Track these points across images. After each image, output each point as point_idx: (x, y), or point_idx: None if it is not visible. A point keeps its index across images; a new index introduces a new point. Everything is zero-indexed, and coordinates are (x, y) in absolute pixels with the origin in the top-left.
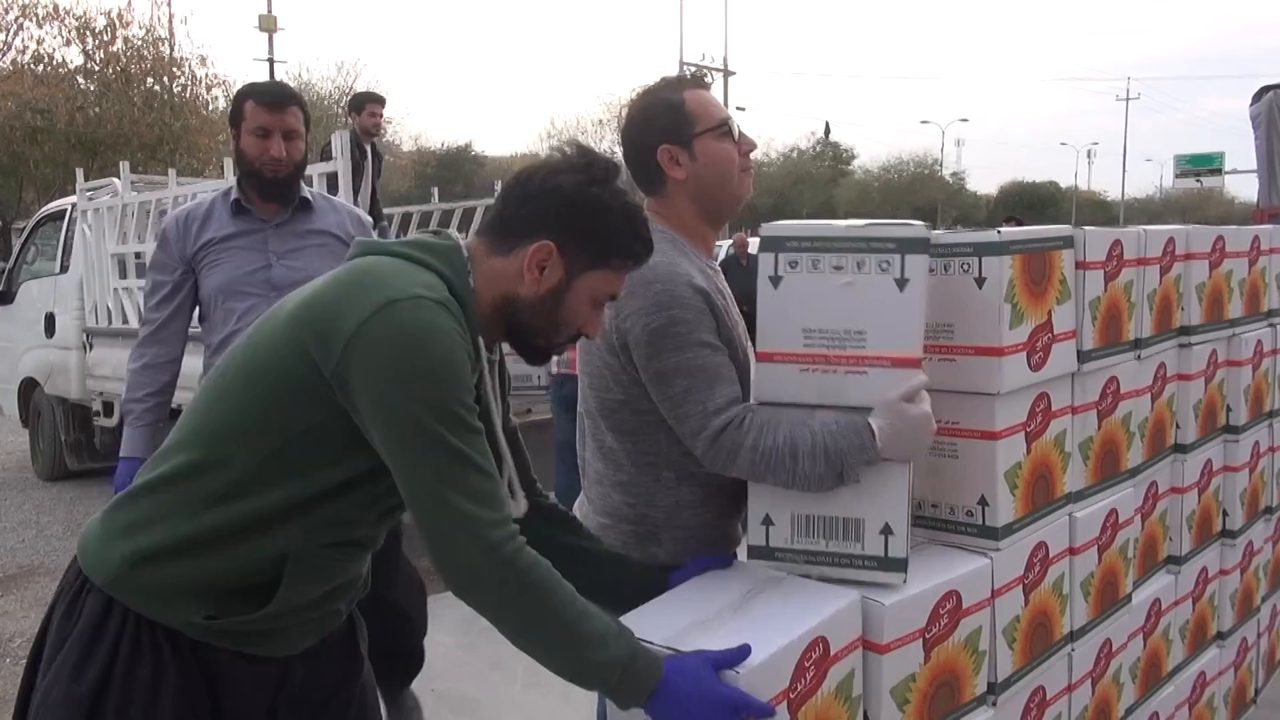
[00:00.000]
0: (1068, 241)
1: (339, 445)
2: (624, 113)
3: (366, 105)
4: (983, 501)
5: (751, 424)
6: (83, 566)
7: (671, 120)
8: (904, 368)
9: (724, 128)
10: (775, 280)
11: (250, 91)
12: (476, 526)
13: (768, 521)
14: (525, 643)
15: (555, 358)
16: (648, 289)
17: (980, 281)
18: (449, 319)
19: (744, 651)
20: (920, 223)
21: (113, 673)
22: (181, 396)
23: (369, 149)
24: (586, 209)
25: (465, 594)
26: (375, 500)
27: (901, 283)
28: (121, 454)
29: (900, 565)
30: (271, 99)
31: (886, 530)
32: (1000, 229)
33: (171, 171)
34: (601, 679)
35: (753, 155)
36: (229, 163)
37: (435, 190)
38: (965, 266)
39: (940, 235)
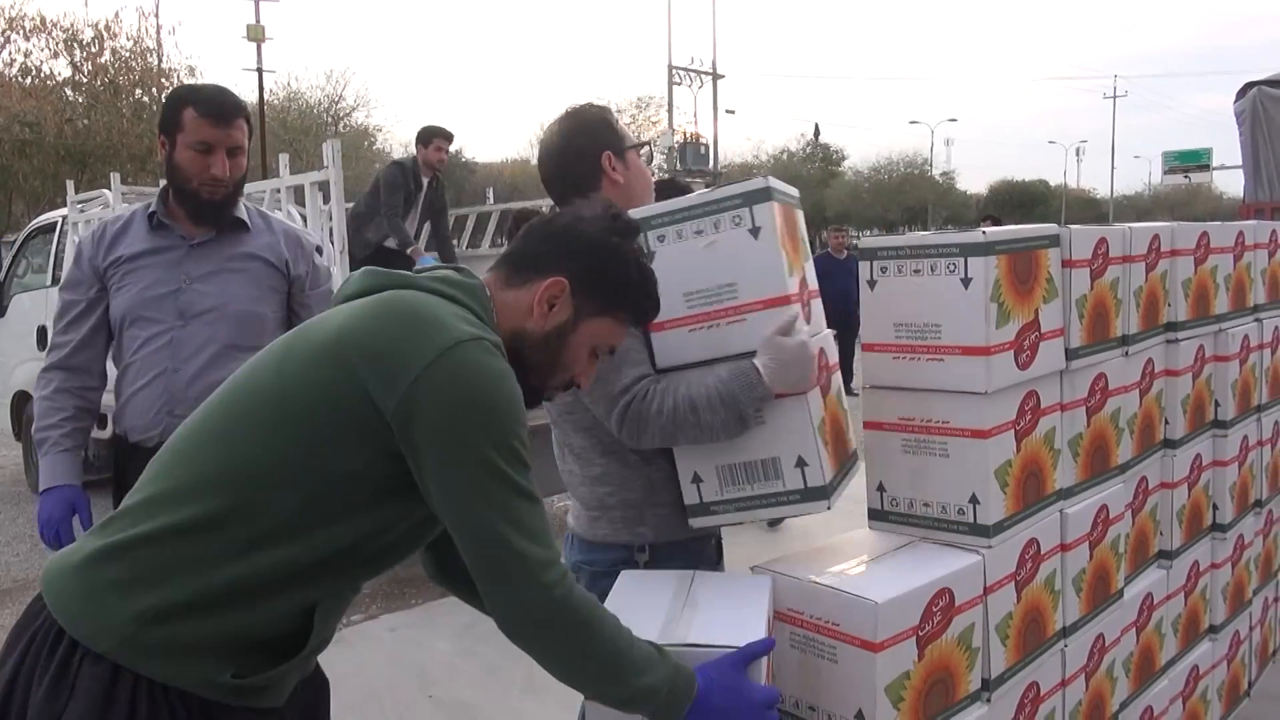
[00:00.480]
0: (1053, 240)
1: (380, 490)
2: (552, 125)
3: (434, 140)
4: (973, 500)
5: (653, 393)
6: (70, 629)
7: (612, 133)
8: (776, 307)
9: (646, 148)
10: (650, 256)
11: (191, 98)
12: (533, 566)
13: (696, 479)
14: (572, 677)
15: None
16: None
17: (966, 282)
18: (503, 360)
19: (768, 643)
20: (762, 177)
21: None
22: None
23: (427, 182)
24: (605, 254)
25: (516, 634)
26: (410, 541)
27: (755, 231)
28: (44, 486)
29: (822, 493)
30: (218, 111)
31: (800, 463)
32: (984, 229)
33: (162, 182)
34: (649, 703)
35: (744, 157)
36: None
37: None
38: (951, 267)
39: (926, 237)
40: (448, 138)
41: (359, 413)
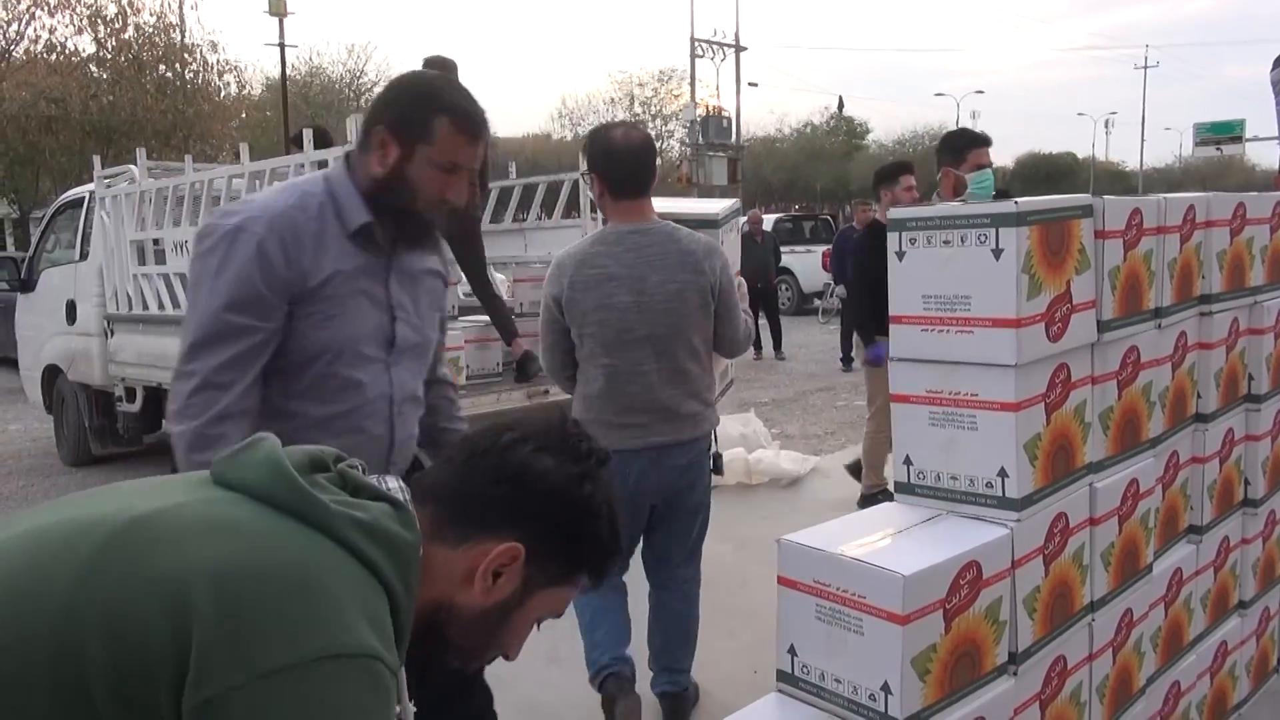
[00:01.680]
0: (1086, 210)
1: None
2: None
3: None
4: (1002, 473)
5: None
6: None
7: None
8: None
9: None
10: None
11: (445, 105)
12: None
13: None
14: None
15: None
16: None
17: (997, 253)
18: (387, 695)
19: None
20: (1014, 201)
21: None
22: None
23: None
24: (576, 513)
25: None
26: None
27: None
28: None
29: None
30: (474, 127)
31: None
32: (1017, 200)
33: (188, 158)
34: None
35: (767, 130)
36: (244, 147)
37: None
38: (982, 238)
39: (956, 207)
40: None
41: (128, 666)
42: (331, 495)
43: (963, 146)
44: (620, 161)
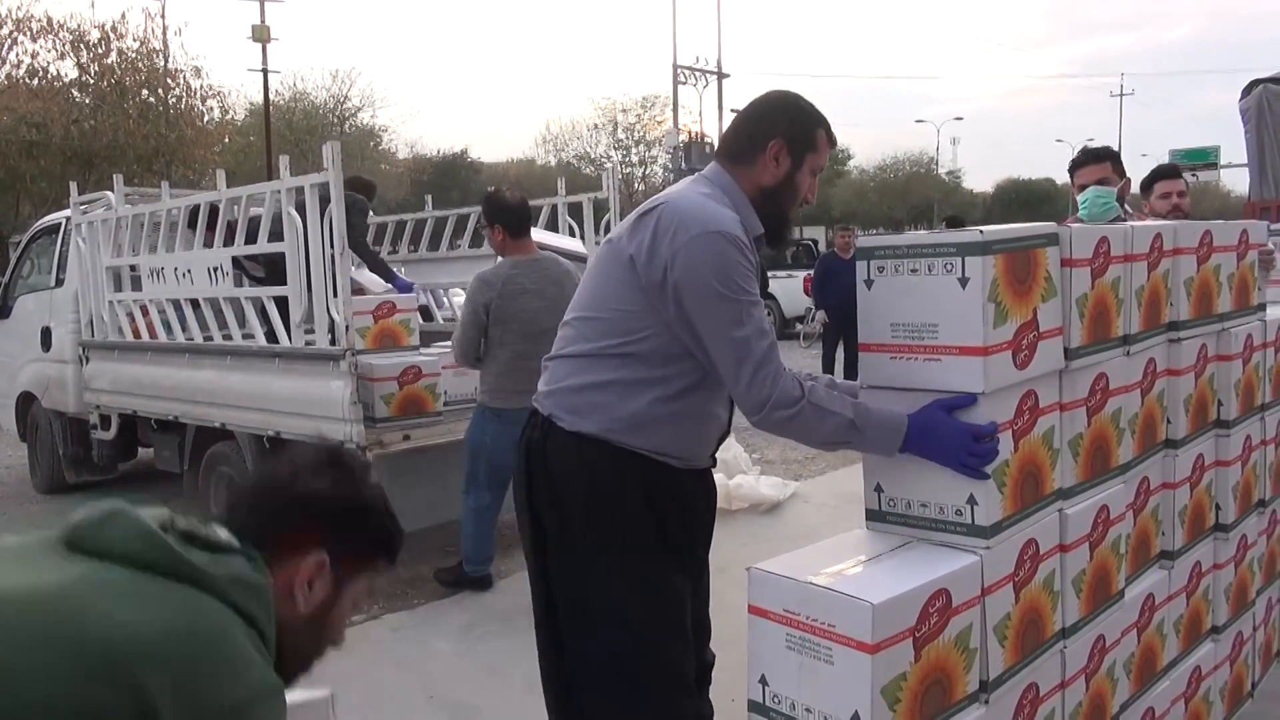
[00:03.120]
0: (1052, 239)
1: None
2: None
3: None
4: (971, 500)
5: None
6: None
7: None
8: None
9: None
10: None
11: (821, 120)
12: None
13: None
14: None
15: None
16: None
17: (964, 282)
18: None
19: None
20: (980, 229)
21: None
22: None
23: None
24: (357, 513)
25: None
26: None
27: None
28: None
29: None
30: (834, 138)
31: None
32: (981, 229)
33: (164, 184)
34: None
35: None
36: (221, 175)
37: (429, 198)
38: (948, 267)
39: (923, 236)
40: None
41: None
42: (196, 556)
43: (1070, 169)
44: (516, 213)
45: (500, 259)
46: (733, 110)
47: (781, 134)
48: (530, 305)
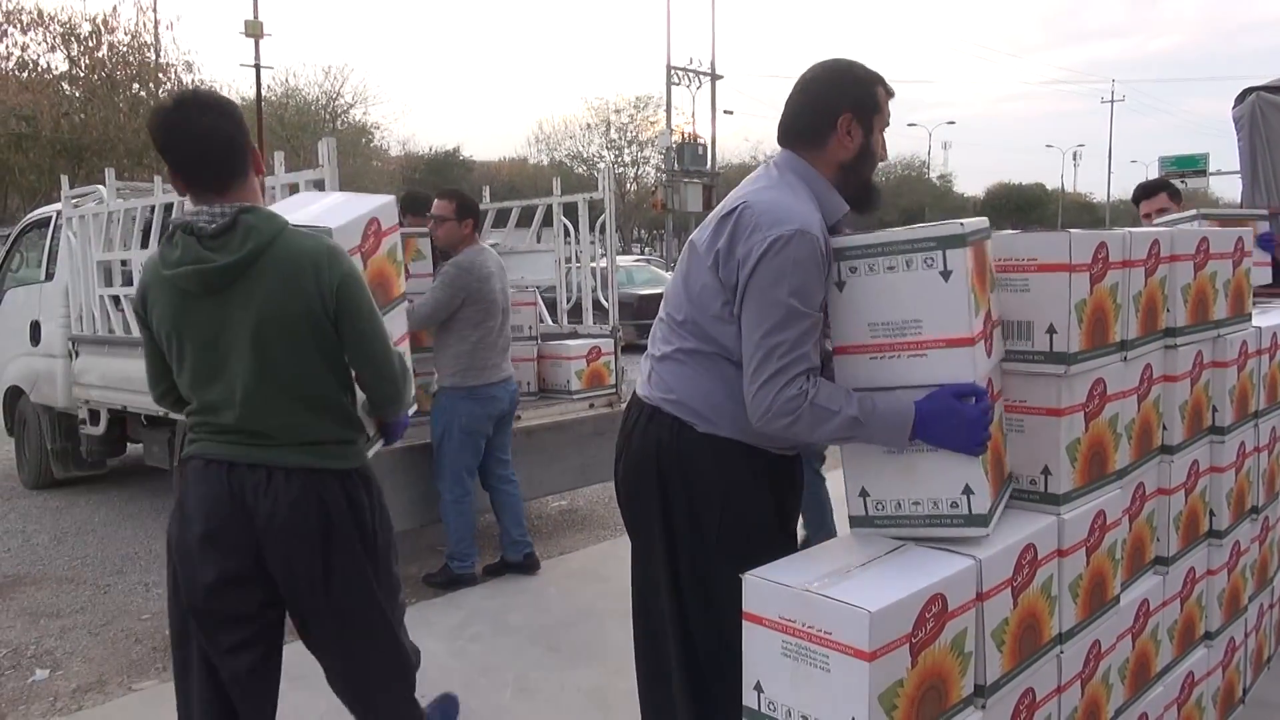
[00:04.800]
0: (989, 233)
1: None
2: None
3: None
4: (967, 490)
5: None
6: None
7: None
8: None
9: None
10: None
11: (878, 77)
12: None
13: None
14: None
15: None
16: None
17: (946, 275)
18: None
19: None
20: (958, 223)
21: None
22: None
23: None
24: None
25: None
26: None
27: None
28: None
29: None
30: (891, 88)
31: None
32: (961, 221)
33: (157, 179)
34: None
35: (742, 158)
36: None
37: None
38: (929, 261)
39: (897, 232)
40: None
41: None
42: None
43: (1137, 199)
44: (479, 211)
45: (465, 250)
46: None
47: (849, 107)
48: (497, 287)
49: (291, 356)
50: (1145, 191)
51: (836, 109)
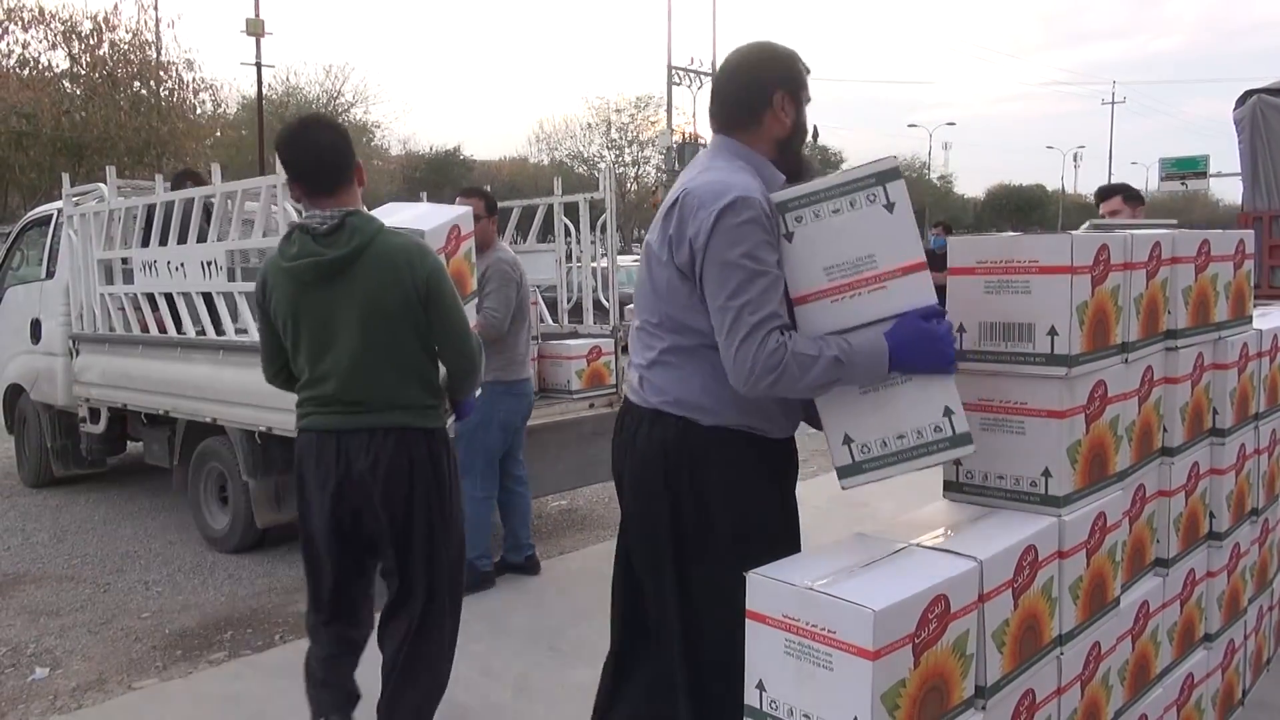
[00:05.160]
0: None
1: None
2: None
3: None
4: (947, 412)
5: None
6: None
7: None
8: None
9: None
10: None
11: (798, 55)
12: None
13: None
14: None
15: None
16: None
17: (890, 207)
18: None
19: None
20: (891, 157)
21: None
22: (154, 401)
23: None
24: None
25: None
26: None
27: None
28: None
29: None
30: (806, 65)
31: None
32: (892, 155)
33: (158, 176)
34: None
35: None
36: (216, 168)
37: (424, 195)
38: (871, 197)
39: (835, 176)
40: None
41: None
42: None
43: (1097, 200)
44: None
45: (496, 247)
46: None
47: (780, 85)
48: (526, 285)
49: (389, 334)
50: (1103, 194)
51: (770, 88)
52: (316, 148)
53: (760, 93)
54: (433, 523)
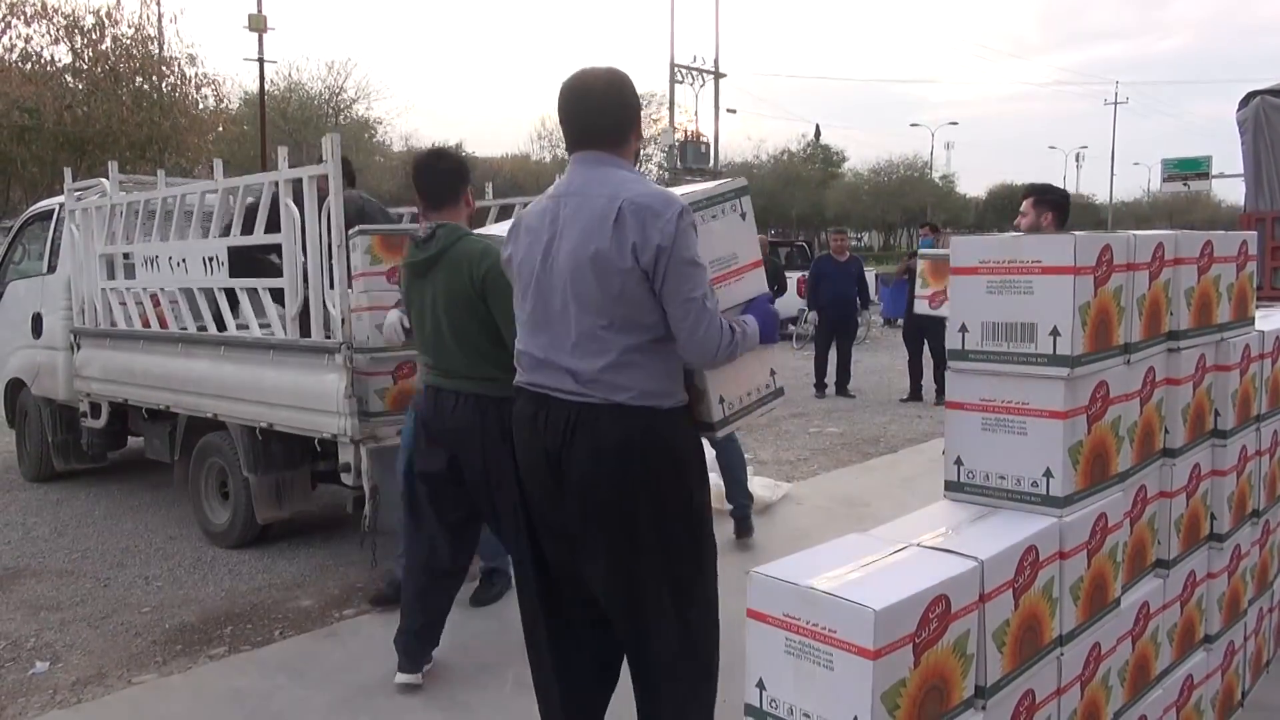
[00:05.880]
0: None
1: None
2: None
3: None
4: (771, 372)
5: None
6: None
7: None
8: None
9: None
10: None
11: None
12: None
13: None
14: None
15: None
16: None
17: (744, 216)
18: None
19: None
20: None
21: None
22: (160, 397)
23: None
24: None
25: None
26: None
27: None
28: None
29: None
30: None
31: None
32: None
33: (160, 172)
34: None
35: (744, 156)
36: (218, 163)
37: None
38: (734, 207)
39: (707, 189)
40: None
41: None
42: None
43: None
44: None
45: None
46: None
47: (638, 108)
48: None
49: (460, 319)
50: (1023, 193)
51: (634, 111)
52: (435, 173)
53: (629, 114)
54: (496, 479)
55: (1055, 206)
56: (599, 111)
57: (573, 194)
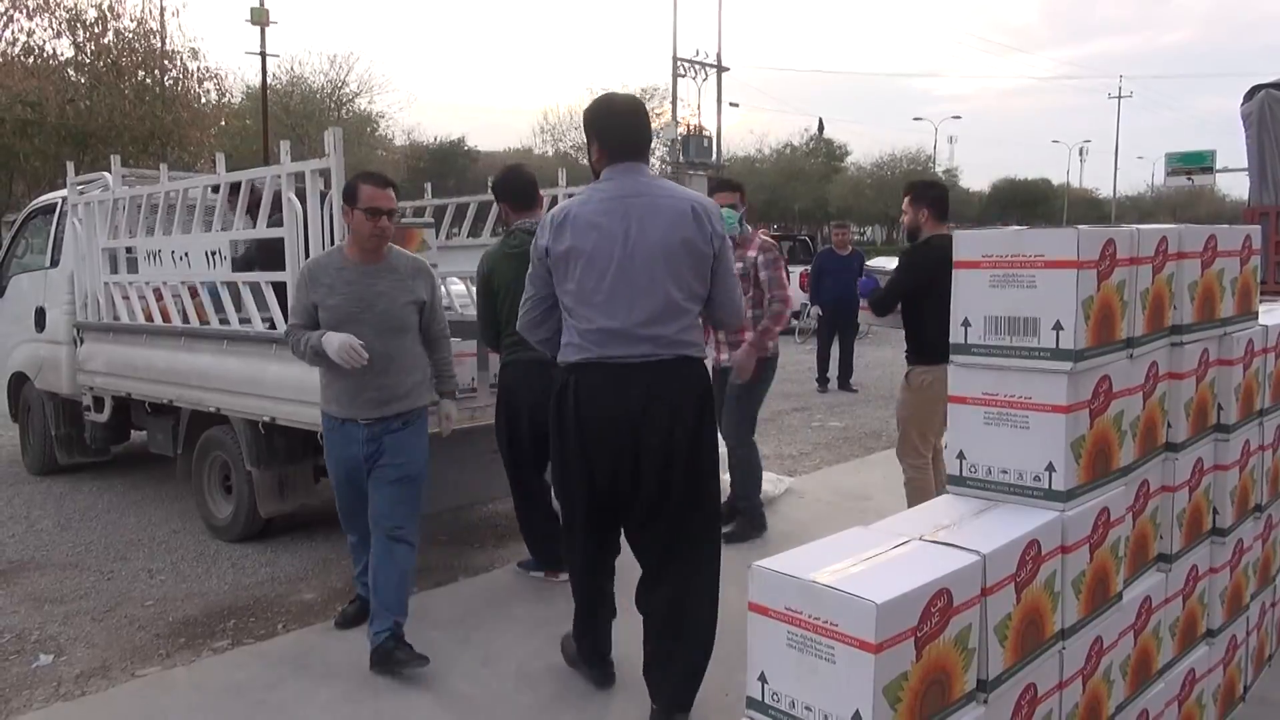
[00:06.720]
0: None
1: None
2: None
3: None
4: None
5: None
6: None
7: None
8: None
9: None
10: None
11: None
12: None
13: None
14: None
15: None
16: None
17: None
18: None
19: None
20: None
21: None
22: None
23: None
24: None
25: None
26: None
27: None
28: None
29: None
30: None
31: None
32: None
33: (163, 166)
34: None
35: (747, 151)
36: (220, 157)
37: (429, 186)
38: None
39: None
40: None
41: None
42: None
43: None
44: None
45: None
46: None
47: (597, 133)
48: None
49: None
50: (904, 190)
51: (651, 132)
52: (521, 183)
53: (650, 134)
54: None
55: (933, 202)
56: (647, 131)
57: (638, 195)
